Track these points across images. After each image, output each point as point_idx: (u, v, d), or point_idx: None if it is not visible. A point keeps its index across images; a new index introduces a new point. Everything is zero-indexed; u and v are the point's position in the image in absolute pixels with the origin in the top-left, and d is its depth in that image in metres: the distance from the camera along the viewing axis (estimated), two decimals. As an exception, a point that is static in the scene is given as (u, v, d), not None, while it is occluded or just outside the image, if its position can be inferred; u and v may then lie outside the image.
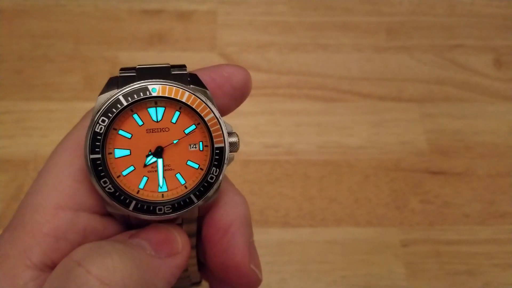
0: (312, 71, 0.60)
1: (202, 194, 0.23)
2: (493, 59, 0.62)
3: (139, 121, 0.23)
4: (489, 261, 0.48)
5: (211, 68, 0.25)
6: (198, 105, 0.23)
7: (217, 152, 0.23)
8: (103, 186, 0.22)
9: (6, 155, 0.52)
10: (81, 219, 0.22)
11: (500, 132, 0.56)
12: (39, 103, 0.56)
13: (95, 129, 0.22)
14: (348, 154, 0.54)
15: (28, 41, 0.61)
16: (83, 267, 0.19)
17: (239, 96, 0.26)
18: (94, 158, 0.22)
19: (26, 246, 0.21)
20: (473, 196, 0.52)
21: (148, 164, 0.23)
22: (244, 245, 0.24)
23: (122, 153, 0.23)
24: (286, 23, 0.64)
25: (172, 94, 0.23)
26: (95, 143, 0.22)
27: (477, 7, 0.66)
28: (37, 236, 0.21)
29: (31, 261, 0.21)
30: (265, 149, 0.54)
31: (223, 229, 0.25)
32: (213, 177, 0.23)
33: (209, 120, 0.23)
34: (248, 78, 0.25)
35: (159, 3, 0.64)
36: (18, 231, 0.22)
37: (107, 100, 0.22)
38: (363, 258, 0.48)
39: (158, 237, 0.23)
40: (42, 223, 0.21)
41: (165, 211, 0.23)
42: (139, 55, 0.60)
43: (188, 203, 0.23)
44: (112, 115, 0.22)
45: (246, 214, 0.25)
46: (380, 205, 0.51)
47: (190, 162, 0.24)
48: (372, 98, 0.58)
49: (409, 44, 0.63)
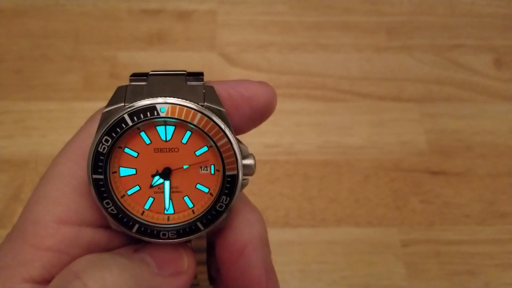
0: (312, 71, 0.60)
1: (209, 222, 0.22)
2: (493, 59, 0.62)
3: (147, 140, 0.21)
4: (489, 261, 0.48)
5: (230, 82, 0.23)
6: (210, 128, 0.21)
7: (229, 180, 0.22)
8: (106, 207, 0.21)
9: (5, 155, 0.52)
10: (85, 234, 0.22)
11: (500, 132, 0.56)
12: (39, 103, 0.56)
13: (98, 148, 0.21)
14: (348, 154, 0.54)
15: (27, 41, 0.60)
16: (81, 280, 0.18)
17: (259, 118, 0.23)
18: (97, 179, 0.21)
19: (27, 259, 0.21)
20: (473, 196, 0.52)
21: (154, 185, 0.22)
22: (261, 268, 0.23)
23: (127, 172, 0.22)
24: (286, 23, 0.64)
25: (182, 115, 0.21)
26: (98, 163, 0.21)
27: (477, 7, 0.66)
28: (39, 250, 0.21)
29: (29, 274, 0.20)
30: (265, 149, 0.54)
31: (238, 251, 0.23)
32: (222, 206, 0.22)
33: (222, 145, 0.21)
34: (272, 97, 0.23)
35: (159, 3, 0.64)
36: (19, 242, 0.21)
37: (112, 118, 0.21)
38: (363, 258, 0.48)
39: (164, 255, 0.22)
40: (44, 237, 0.21)
41: (169, 236, 0.22)
42: (139, 55, 0.60)
43: (194, 230, 0.22)
44: (116, 135, 0.21)
45: (262, 233, 0.24)
46: (380, 205, 0.51)
47: (200, 185, 0.22)
48: (372, 98, 0.58)
49: (409, 44, 0.63)
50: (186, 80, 0.22)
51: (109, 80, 0.58)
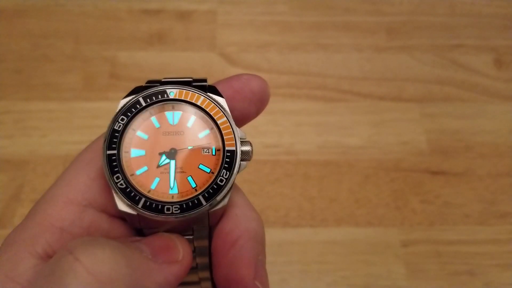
0: (312, 71, 0.60)
1: (211, 196, 0.23)
2: (493, 59, 0.62)
3: (157, 124, 0.24)
4: (489, 261, 0.48)
5: (228, 77, 0.26)
6: (212, 108, 0.24)
7: (228, 155, 0.24)
8: (116, 181, 0.23)
9: (5, 155, 0.52)
10: (87, 214, 0.23)
11: (500, 132, 0.56)
12: (39, 103, 0.56)
13: (114, 126, 0.24)
14: (348, 154, 0.54)
15: (27, 41, 0.61)
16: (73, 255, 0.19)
17: (258, 101, 0.26)
18: (110, 154, 0.23)
19: (32, 235, 0.22)
20: (473, 196, 0.52)
21: (161, 165, 0.24)
22: (251, 260, 0.24)
23: (137, 153, 0.24)
24: (286, 23, 0.64)
25: (188, 97, 0.24)
26: (113, 139, 0.23)
27: (477, 7, 0.66)
28: (44, 226, 0.22)
29: (34, 250, 0.21)
30: (265, 149, 0.54)
31: (231, 241, 0.24)
32: (222, 180, 0.24)
33: (222, 123, 0.24)
34: (265, 84, 0.26)
35: (159, 3, 0.64)
36: (28, 220, 0.23)
37: (128, 101, 0.24)
38: (363, 258, 0.48)
39: (158, 243, 0.23)
40: (50, 214, 0.22)
41: (173, 211, 0.23)
42: (139, 55, 0.60)
43: (196, 205, 0.23)
44: (131, 114, 0.24)
45: (258, 231, 0.25)
46: (380, 205, 0.51)
47: (202, 166, 0.24)
48: (372, 98, 0.58)
49: (409, 44, 0.63)
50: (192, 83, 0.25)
51: (109, 80, 0.58)
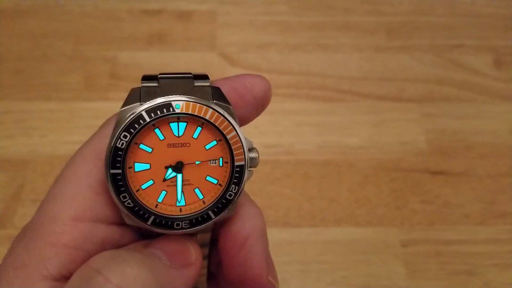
0: (312, 71, 0.60)
1: (220, 210, 0.23)
2: (493, 59, 0.62)
3: (161, 136, 0.23)
4: (489, 261, 0.48)
5: (232, 78, 0.25)
6: (220, 122, 0.23)
7: (237, 170, 0.24)
8: (123, 201, 0.22)
9: (6, 155, 0.52)
10: (99, 230, 0.22)
11: (500, 132, 0.56)
12: (39, 103, 0.56)
13: (116, 144, 0.22)
14: (348, 154, 0.54)
15: (28, 41, 0.61)
16: (103, 275, 0.19)
17: (260, 105, 0.25)
18: (115, 173, 0.22)
19: (44, 257, 0.21)
20: (473, 196, 0.52)
21: (167, 178, 0.23)
22: (262, 258, 0.24)
23: (142, 167, 0.23)
24: (286, 23, 0.64)
25: (196, 111, 0.23)
26: (116, 158, 0.22)
27: (477, 7, 0.66)
28: (56, 246, 0.21)
29: (48, 272, 0.21)
30: (265, 149, 0.54)
31: (241, 242, 0.24)
32: (231, 194, 0.24)
33: (231, 138, 0.23)
34: (268, 87, 0.25)
35: (159, 3, 0.64)
36: (35, 240, 0.22)
37: (130, 115, 0.22)
38: (363, 258, 0.48)
39: (172, 248, 0.23)
40: (60, 233, 0.21)
41: (182, 226, 0.23)
42: (139, 55, 0.60)
43: (205, 219, 0.23)
44: (134, 130, 0.22)
45: (263, 226, 0.25)
46: (380, 205, 0.51)
47: (209, 177, 0.24)
48: (372, 98, 0.58)
49: (409, 44, 0.63)
50: (194, 82, 0.24)
51: (110, 80, 0.58)
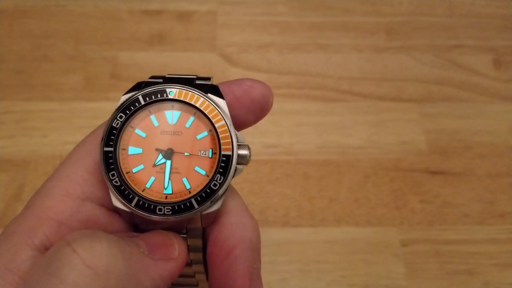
0: (312, 71, 0.60)
1: (203, 200, 0.23)
2: (493, 59, 0.62)
3: (155, 123, 0.24)
4: (488, 261, 0.49)
5: (233, 80, 0.26)
6: (210, 111, 0.24)
7: (224, 160, 0.23)
8: (111, 179, 0.23)
9: (6, 155, 0.53)
10: (85, 208, 0.23)
11: (499, 132, 0.56)
12: (40, 103, 0.56)
13: (112, 123, 0.23)
14: (348, 154, 0.54)
15: (28, 41, 0.61)
16: (71, 247, 0.19)
17: (258, 109, 0.25)
18: (107, 151, 0.23)
19: (31, 227, 0.22)
20: (472, 196, 0.52)
21: (157, 164, 0.24)
22: (245, 271, 0.23)
23: (135, 151, 0.24)
24: (286, 23, 0.64)
25: (188, 98, 0.24)
26: (111, 136, 0.23)
27: (477, 7, 0.66)
28: (43, 218, 0.22)
29: (32, 242, 0.22)
30: (265, 149, 0.54)
31: (226, 250, 0.24)
32: (216, 184, 0.23)
33: (220, 127, 0.24)
34: (267, 92, 0.25)
35: (159, 3, 0.64)
36: (27, 212, 0.23)
37: (127, 99, 0.24)
38: (363, 258, 0.48)
39: (155, 240, 0.23)
40: (49, 206, 0.23)
41: (165, 212, 0.23)
42: (139, 55, 0.60)
43: (188, 207, 0.23)
44: (129, 112, 0.24)
45: (253, 239, 0.24)
46: (379, 205, 0.51)
47: (198, 168, 0.24)
48: (372, 98, 0.58)
49: (408, 44, 0.63)
50: (195, 81, 0.25)
51: (110, 80, 0.58)
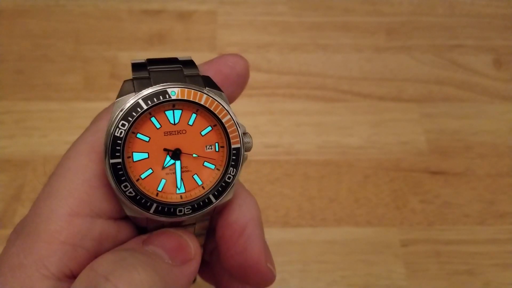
0: (312, 71, 0.60)
1: (220, 194, 0.24)
2: (493, 59, 0.62)
3: (157, 124, 0.23)
4: (489, 261, 0.49)
5: (215, 60, 0.26)
6: (215, 107, 0.24)
7: (234, 153, 0.24)
8: (124, 190, 0.22)
9: (6, 155, 0.53)
10: (96, 225, 0.22)
11: (499, 132, 0.56)
12: (39, 103, 0.56)
13: (115, 133, 0.22)
14: (348, 154, 0.54)
15: (28, 41, 0.61)
16: (111, 282, 0.18)
17: (242, 82, 0.26)
18: (115, 163, 0.22)
19: (42, 255, 0.20)
20: (473, 196, 0.52)
21: (166, 166, 0.23)
22: (260, 245, 0.25)
23: (140, 156, 0.23)
24: (286, 23, 0.64)
25: (191, 97, 0.23)
26: (115, 147, 0.22)
27: (477, 7, 0.66)
28: (54, 244, 0.21)
29: (48, 271, 0.20)
30: (265, 149, 0.54)
31: (239, 230, 0.25)
32: (230, 177, 0.24)
33: (226, 121, 0.24)
34: (247, 64, 0.26)
35: (159, 3, 0.64)
36: (32, 239, 0.21)
37: (127, 104, 0.22)
38: (363, 258, 0.48)
39: (172, 244, 0.23)
40: (58, 231, 0.21)
41: (185, 212, 0.23)
42: (139, 55, 0.60)
43: (207, 203, 0.24)
44: (132, 119, 0.22)
45: (259, 215, 0.26)
46: (380, 205, 0.51)
47: (207, 163, 0.24)
48: (372, 98, 0.58)
49: (409, 44, 0.63)
50: (183, 72, 0.25)
51: (110, 80, 0.58)
